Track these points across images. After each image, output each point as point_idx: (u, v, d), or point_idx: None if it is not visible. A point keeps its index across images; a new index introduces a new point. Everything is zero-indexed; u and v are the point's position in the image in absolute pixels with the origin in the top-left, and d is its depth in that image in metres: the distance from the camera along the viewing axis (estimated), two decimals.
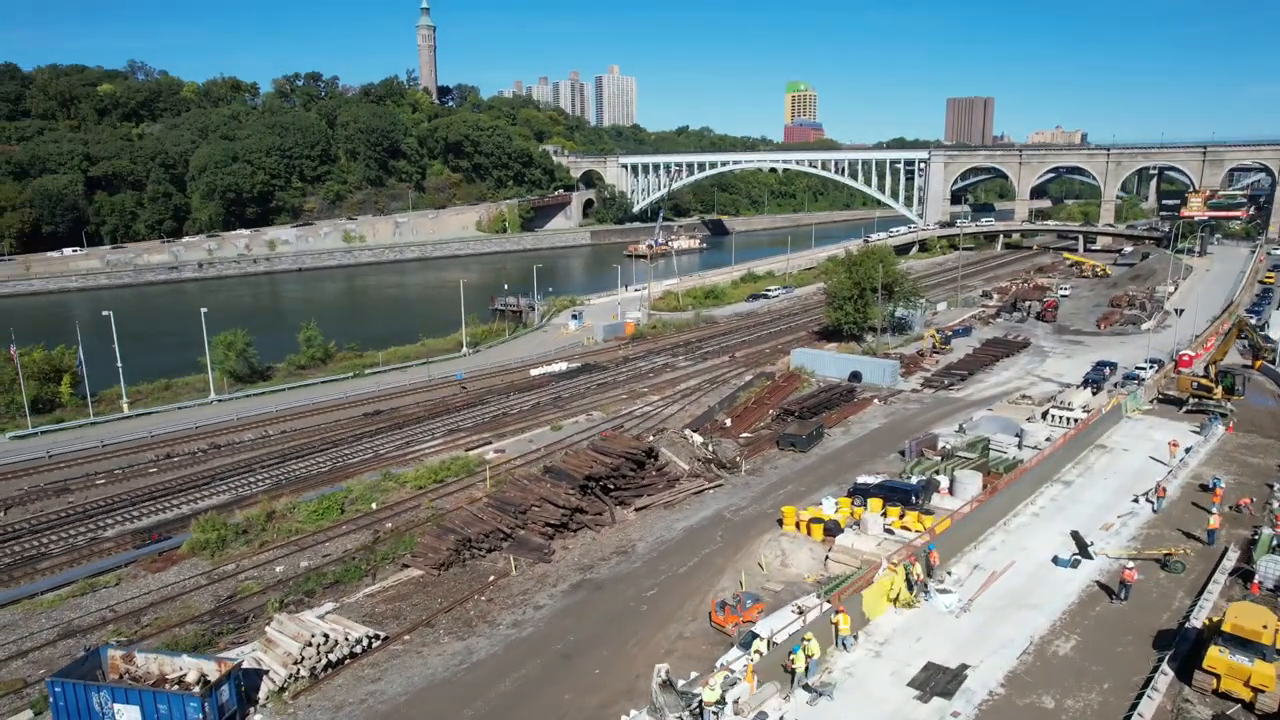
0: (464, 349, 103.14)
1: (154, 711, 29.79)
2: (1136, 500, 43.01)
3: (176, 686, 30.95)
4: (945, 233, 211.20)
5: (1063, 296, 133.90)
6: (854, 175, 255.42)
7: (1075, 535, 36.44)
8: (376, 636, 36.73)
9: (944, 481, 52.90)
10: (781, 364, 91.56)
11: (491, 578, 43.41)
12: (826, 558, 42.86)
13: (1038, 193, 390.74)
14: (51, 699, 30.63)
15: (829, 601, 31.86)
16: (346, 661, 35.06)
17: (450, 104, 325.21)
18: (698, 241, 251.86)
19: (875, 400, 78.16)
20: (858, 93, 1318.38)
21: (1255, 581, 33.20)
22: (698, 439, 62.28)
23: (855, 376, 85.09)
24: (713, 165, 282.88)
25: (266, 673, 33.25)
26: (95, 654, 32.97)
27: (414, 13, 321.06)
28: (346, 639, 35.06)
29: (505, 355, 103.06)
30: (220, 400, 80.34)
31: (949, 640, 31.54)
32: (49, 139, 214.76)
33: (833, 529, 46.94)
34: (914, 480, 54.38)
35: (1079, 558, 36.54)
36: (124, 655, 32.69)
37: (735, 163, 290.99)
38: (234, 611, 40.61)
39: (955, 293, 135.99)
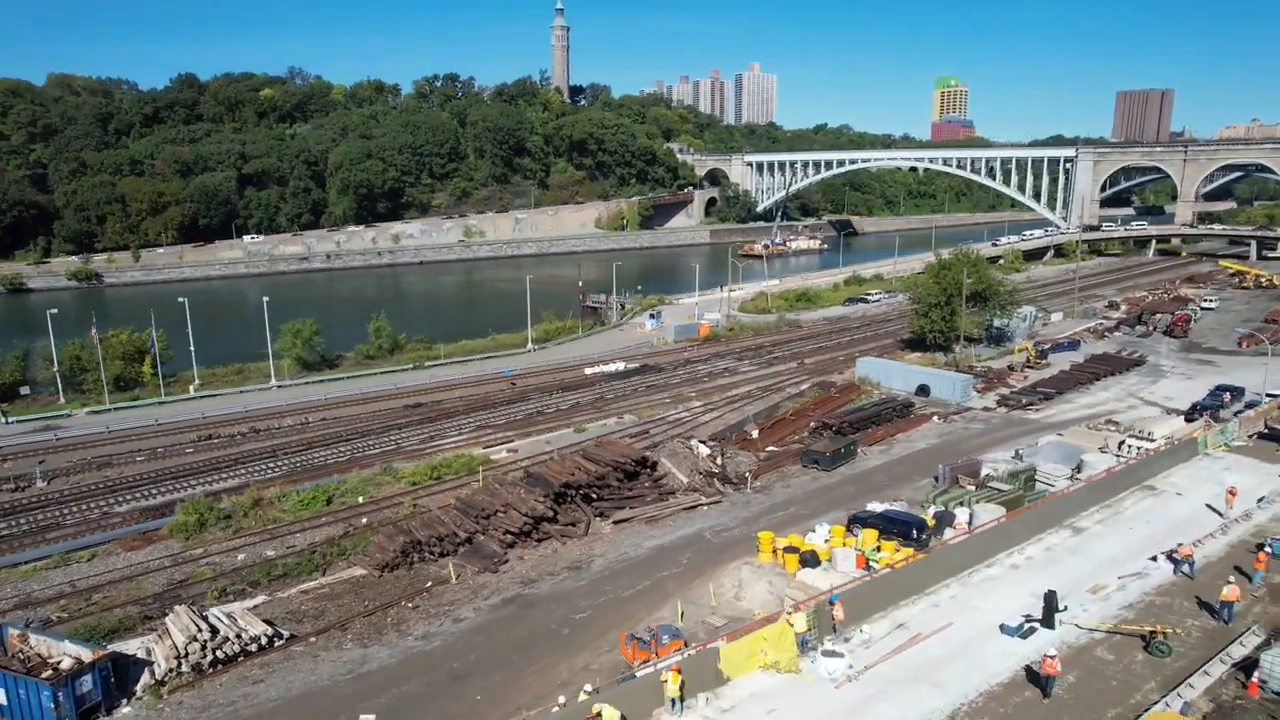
0: (529, 345, 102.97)
1: (15, 695, 30.12)
2: (1155, 559, 35.59)
3: (50, 672, 31.15)
4: (1087, 237, 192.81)
5: (1205, 309, 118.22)
6: (992, 174, 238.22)
7: (1049, 597, 30.41)
8: (277, 636, 35.98)
9: (962, 515, 46.79)
10: (849, 373, 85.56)
11: (429, 584, 41.92)
12: (785, 594, 38.39)
13: (1220, 194, 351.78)
14: None
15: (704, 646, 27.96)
16: (240, 659, 34.43)
17: (582, 103, 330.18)
18: (818, 242, 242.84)
19: (934, 418, 71.19)
20: (1014, 87, 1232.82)
21: (1254, 680, 26.08)
22: (704, 450, 58.44)
23: (922, 390, 78.07)
24: (840, 164, 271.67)
25: (152, 664, 33.05)
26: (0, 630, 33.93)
27: (551, 14, 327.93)
28: (239, 637, 34.43)
29: (569, 353, 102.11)
30: (280, 386, 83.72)
31: (809, 717, 26.75)
32: (213, 140, 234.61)
33: (809, 560, 42.35)
34: (930, 511, 48.67)
35: (1035, 626, 30.28)
36: (19, 635, 33.44)
37: (865, 161, 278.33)
38: (178, 596, 41.14)
39: (1074, 302, 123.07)
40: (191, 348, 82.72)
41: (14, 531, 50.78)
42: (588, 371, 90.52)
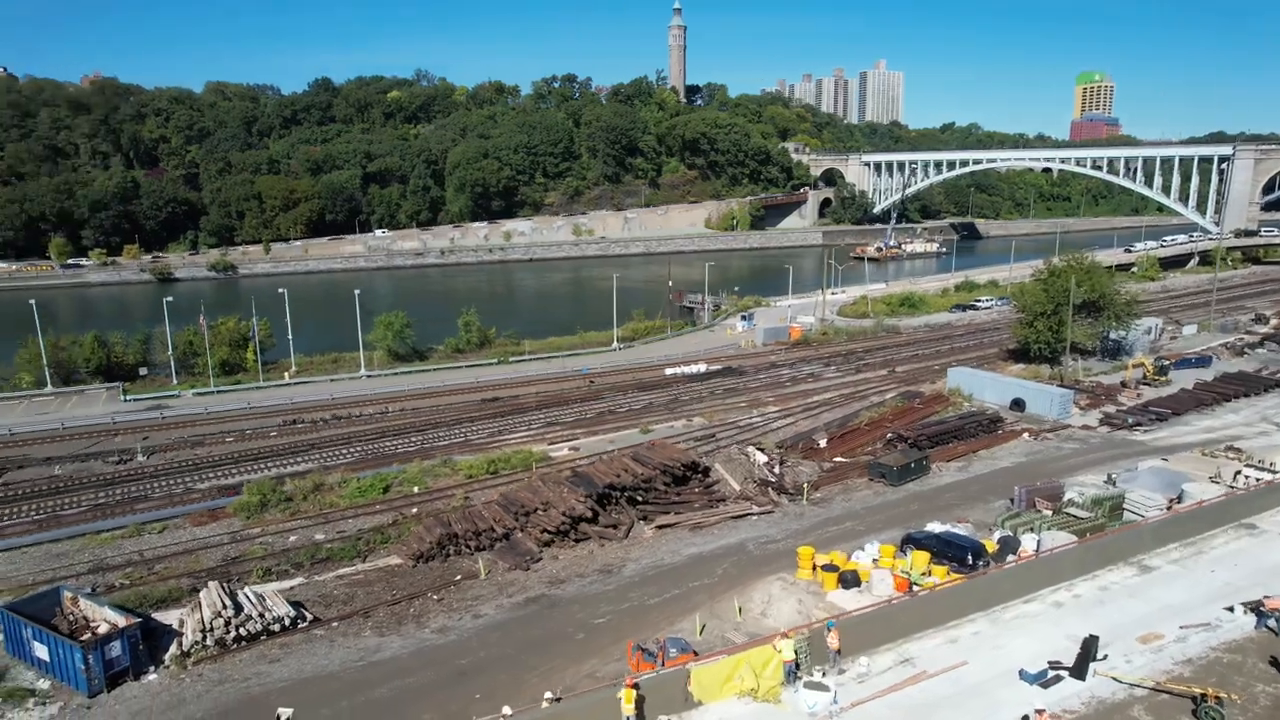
0: (614, 344, 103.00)
1: (55, 653, 32.09)
2: (1232, 609, 31.10)
3: (88, 635, 33.06)
4: (1238, 243, 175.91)
5: None
6: (1132, 174, 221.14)
7: (1087, 642, 26.96)
8: (301, 618, 36.93)
9: (1029, 542, 43.12)
10: (940, 383, 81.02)
11: (459, 577, 42.13)
12: (813, 614, 36.32)
13: None
14: (1, 624, 34.11)
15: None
16: (262, 638, 35.55)
17: (698, 102, 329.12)
18: (936, 245, 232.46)
19: (1025, 435, 66.26)
20: (1167, 81, 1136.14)
21: None
22: (761, 458, 56.35)
23: (1017, 404, 72.93)
24: (964, 164, 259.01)
25: (181, 635, 34.56)
26: (55, 592, 36.40)
27: (669, 14, 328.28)
28: (262, 616, 35.55)
29: (654, 352, 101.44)
30: (369, 376, 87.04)
31: None
32: (342, 140, 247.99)
33: (849, 580, 40.02)
34: (996, 535, 45.19)
35: (1061, 675, 26.85)
36: (72, 598, 35.70)
37: (991, 161, 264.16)
38: (227, 573, 43.00)
39: (1210, 315, 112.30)
40: (290, 336, 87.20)
41: (108, 501, 54.69)
42: (667, 372, 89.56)
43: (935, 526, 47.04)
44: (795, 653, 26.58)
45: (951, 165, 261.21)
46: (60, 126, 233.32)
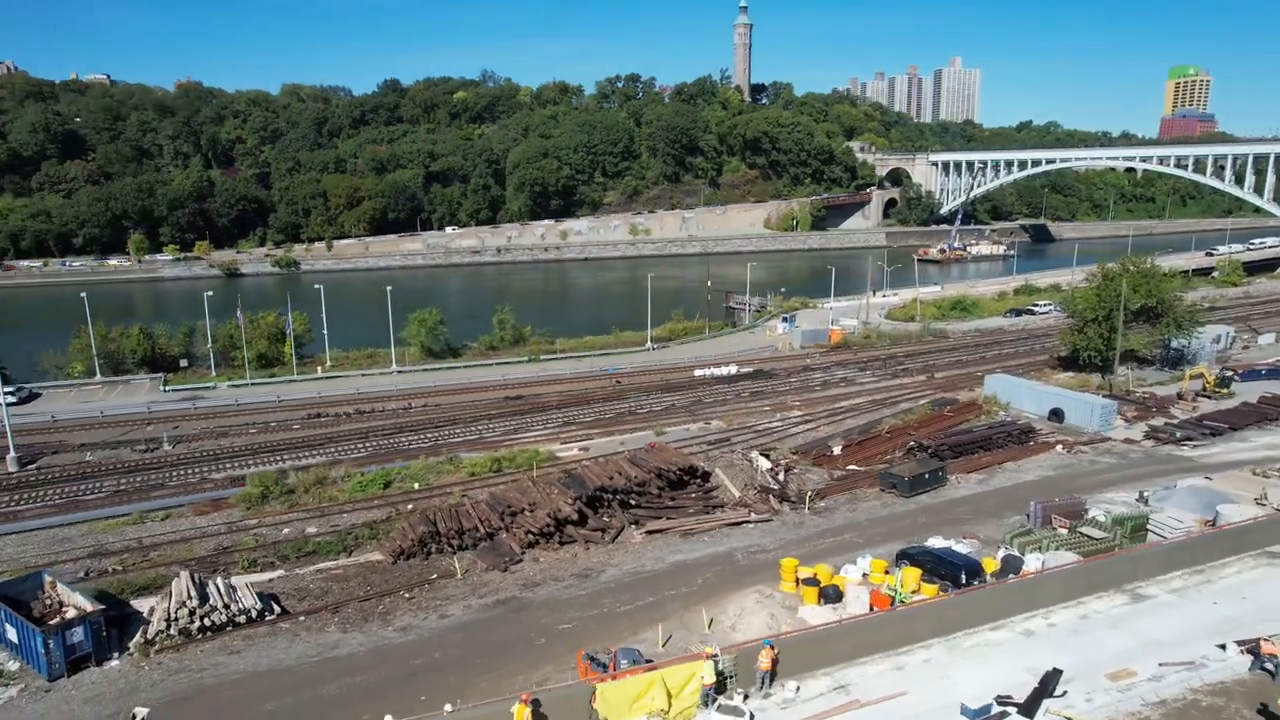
0: (648, 344, 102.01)
1: (22, 637, 32.93)
2: (1224, 647, 28.10)
3: (56, 620, 33.84)
4: None
5: None
6: (1220, 173, 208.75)
7: (1047, 677, 24.58)
8: (269, 610, 37.13)
9: (1033, 562, 40.52)
10: (978, 390, 77.52)
11: (435, 576, 41.84)
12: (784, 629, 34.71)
13: None
14: None
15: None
16: (228, 629, 35.86)
17: (763, 101, 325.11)
18: (1004, 247, 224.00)
19: (1059, 447, 62.72)
20: (1268, 76, 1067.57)
21: None
22: (765, 464, 54.56)
23: (1055, 414, 69.20)
24: (1037, 163, 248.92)
25: (149, 624, 35.10)
26: (38, 576, 37.49)
27: (735, 12, 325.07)
28: (227, 608, 35.83)
29: (688, 353, 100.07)
30: (400, 372, 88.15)
31: None
32: (407, 140, 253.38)
33: (830, 595, 38.27)
34: (1001, 554, 42.66)
35: (1008, 711, 24.49)
36: (51, 583, 36.67)
37: (1066, 160, 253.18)
38: (216, 563, 43.73)
39: None
40: (325, 331, 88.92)
41: (127, 488, 56.43)
42: (697, 373, 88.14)
43: (936, 542, 44.72)
44: (718, 674, 25.13)
45: (1024, 165, 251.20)
46: (147, 129, 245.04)
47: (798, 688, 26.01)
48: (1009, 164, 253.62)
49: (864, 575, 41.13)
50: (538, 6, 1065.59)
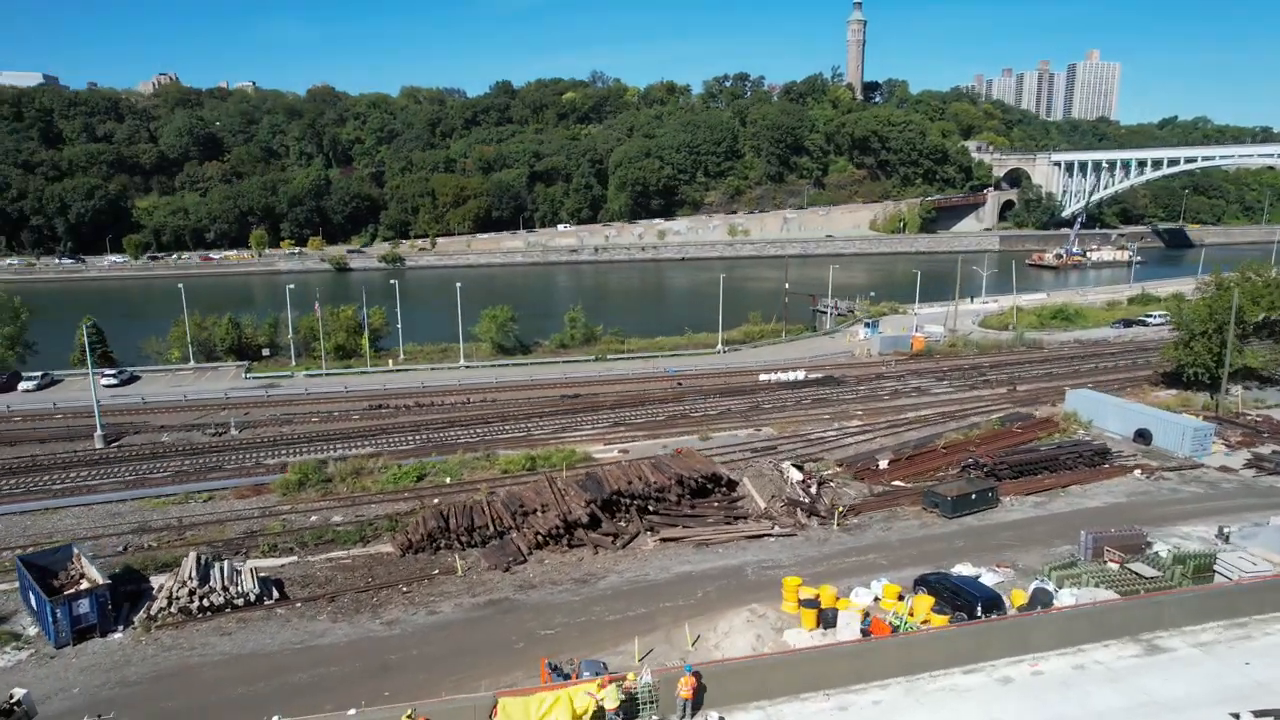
0: (719, 346, 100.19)
1: (39, 606, 35.11)
2: (1237, 717, 24.10)
3: (71, 591, 35.90)
4: None
5: None
6: None
7: None
8: (268, 595, 38.17)
9: (1065, 598, 36.94)
10: (1061, 406, 72.02)
11: (437, 571, 42.00)
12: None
13: None
14: (17, 569, 37.87)
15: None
16: (227, 610, 37.10)
17: (876, 100, 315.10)
18: (1129, 253, 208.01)
19: (1136, 471, 57.22)
20: None
21: None
22: (796, 475, 52.04)
23: (1141, 436, 63.36)
24: (1173, 162, 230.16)
25: (154, 601, 36.76)
26: (69, 548, 39.92)
27: (849, 8, 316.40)
28: (225, 590, 37.05)
29: (760, 357, 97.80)
30: (468, 367, 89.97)
31: None
32: (515, 141, 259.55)
33: (830, 619, 36.01)
34: (1032, 586, 39.14)
35: None
36: (77, 555, 38.95)
37: (1209, 159, 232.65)
38: (243, 545, 45.50)
39: None
40: (399, 325, 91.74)
41: (189, 468, 59.77)
42: (762, 378, 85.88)
43: (965, 569, 41.52)
44: (628, 698, 23.62)
45: (1159, 164, 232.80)
46: (277, 131, 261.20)
47: (720, 719, 24.36)
48: (1142, 164, 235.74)
49: (875, 600, 38.57)
50: (650, 7, 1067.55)
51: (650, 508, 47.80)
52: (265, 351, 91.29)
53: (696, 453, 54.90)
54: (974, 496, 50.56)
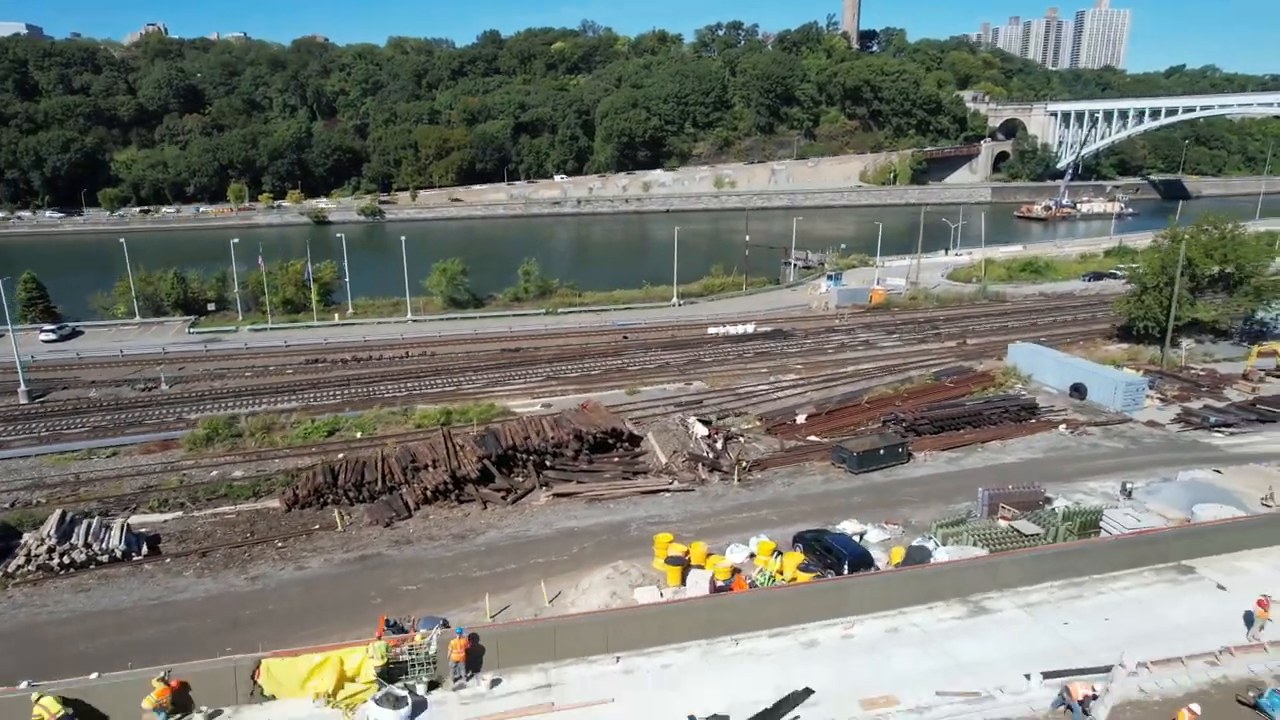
0: (674, 300, 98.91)
1: None
2: (1029, 677, 23.83)
3: None
4: None
5: None
6: None
7: (788, 699, 20.97)
8: (135, 552, 37.89)
9: (941, 555, 36.38)
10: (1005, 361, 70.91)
11: (317, 527, 41.69)
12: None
13: None
14: None
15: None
16: (91, 567, 36.84)
17: (873, 49, 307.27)
18: (1120, 205, 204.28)
19: (1061, 427, 56.37)
20: None
21: None
22: (701, 430, 51.32)
23: (1077, 390, 62.35)
24: (1172, 111, 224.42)
25: (15, 558, 36.48)
26: None
27: None
28: (88, 547, 36.75)
29: (715, 310, 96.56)
30: (414, 321, 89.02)
31: None
32: (501, 91, 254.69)
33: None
34: (912, 544, 38.58)
35: None
36: None
37: (1208, 108, 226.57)
38: (136, 500, 45.18)
39: None
40: (346, 279, 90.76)
41: (107, 424, 59.35)
42: (710, 331, 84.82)
43: (850, 526, 40.99)
44: (385, 658, 23.03)
45: (1158, 114, 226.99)
46: (260, 83, 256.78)
47: (495, 682, 23.81)
48: (1141, 113, 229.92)
49: (750, 556, 38.16)
50: None
51: (548, 463, 47.25)
52: (210, 306, 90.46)
53: (601, 407, 54.13)
54: (883, 452, 49.82)
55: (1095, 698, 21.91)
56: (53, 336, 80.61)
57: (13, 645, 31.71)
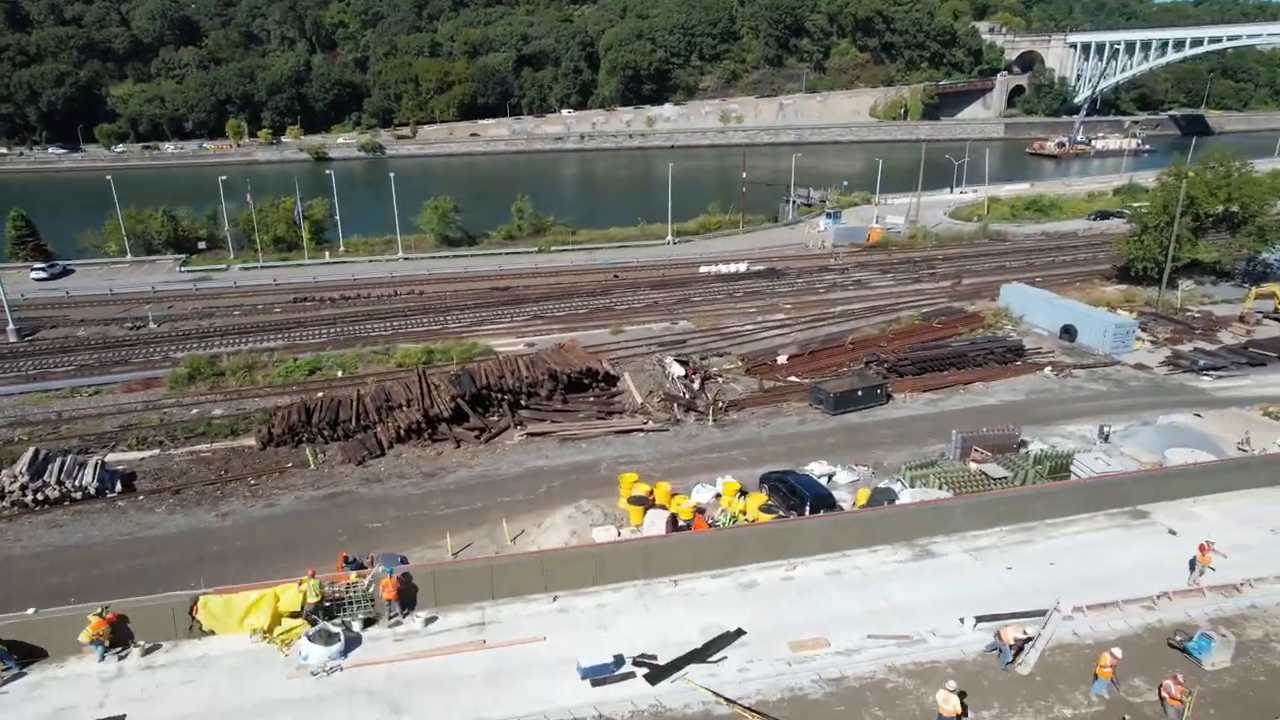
0: (669, 238, 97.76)
1: None
2: (962, 621, 24.16)
3: None
4: None
5: None
6: None
7: (718, 639, 21.05)
8: (109, 489, 38.43)
9: (907, 497, 36.43)
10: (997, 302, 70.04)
11: (290, 464, 42.09)
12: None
13: None
14: None
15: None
16: (65, 503, 37.44)
17: None
18: (1137, 141, 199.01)
19: (1047, 369, 55.87)
20: None
21: None
22: (677, 370, 51.13)
23: (1067, 332, 61.61)
24: (1197, 42, 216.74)
25: None
26: None
27: None
28: (61, 484, 37.26)
29: (708, 249, 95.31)
30: (406, 259, 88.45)
31: (221, 696, 21.48)
32: (503, 23, 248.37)
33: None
34: (877, 486, 38.65)
35: (634, 673, 20.71)
36: None
37: (1235, 38, 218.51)
38: (115, 438, 45.62)
39: None
40: (337, 217, 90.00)
41: (92, 362, 59.74)
42: (702, 270, 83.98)
43: (818, 467, 41.00)
44: (319, 595, 23.45)
45: (1181, 44, 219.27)
46: (256, 14, 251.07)
47: (430, 620, 24.16)
48: (1164, 44, 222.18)
49: (716, 497, 38.36)
50: None
51: (523, 403, 47.30)
52: (201, 245, 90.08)
53: (579, 347, 53.93)
54: (860, 393, 49.56)
55: (1029, 640, 22.03)
56: (44, 275, 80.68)
57: None
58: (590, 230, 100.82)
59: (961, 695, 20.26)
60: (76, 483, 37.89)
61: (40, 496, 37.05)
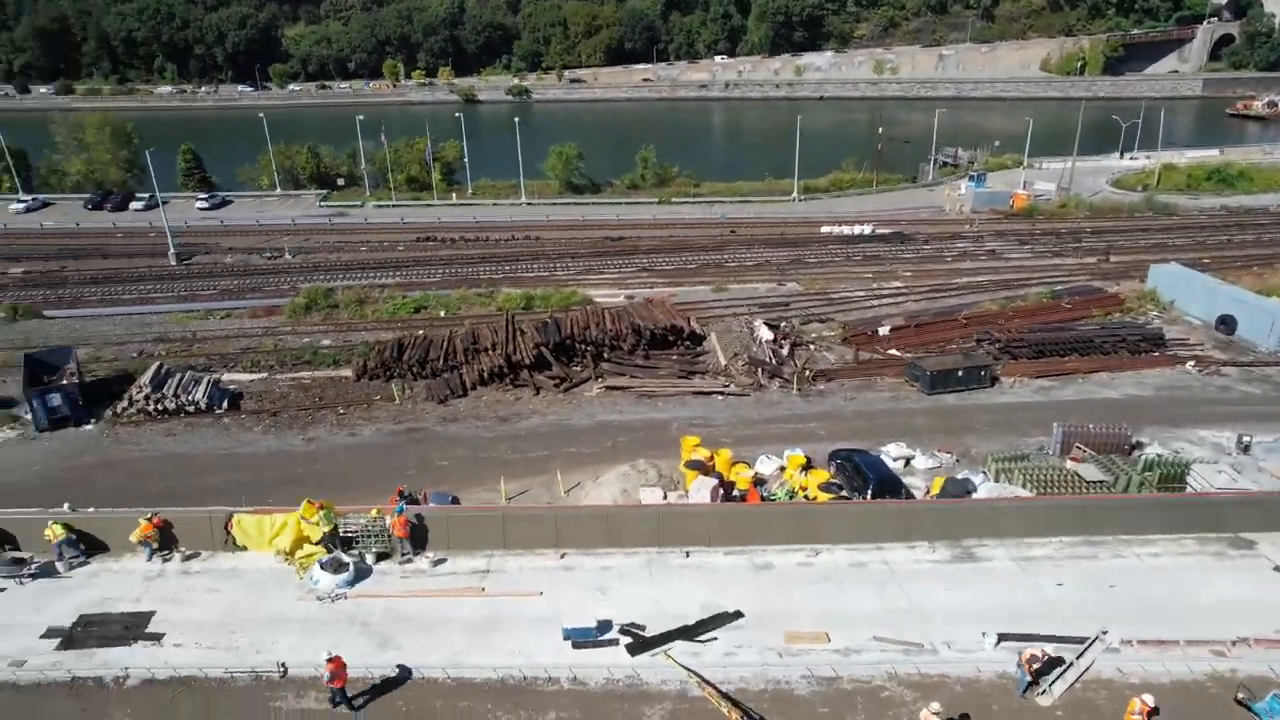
0: (794, 195, 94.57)
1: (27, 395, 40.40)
2: (985, 635, 21.77)
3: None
4: None
5: None
6: None
7: (713, 619, 20.14)
8: (217, 406, 41.82)
9: (985, 491, 34.16)
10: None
11: (378, 397, 44.22)
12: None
13: None
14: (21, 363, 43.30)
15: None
16: (180, 415, 41.12)
17: None
18: None
19: (1189, 364, 50.26)
20: None
21: None
22: (766, 334, 49.52)
23: (1224, 323, 55.12)
24: None
25: (120, 402, 41.24)
26: (68, 350, 45.04)
27: None
28: (176, 398, 40.86)
29: (835, 208, 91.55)
30: (528, 204, 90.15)
31: (241, 605, 23.01)
32: None
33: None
34: (963, 475, 36.44)
35: (617, 640, 20.06)
36: (75, 353, 44.09)
37: None
38: (236, 358, 49.54)
39: None
40: (466, 159, 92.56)
41: (234, 287, 65.03)
42: (824, 230, 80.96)
43: (896, 450, 38.93)
44: (329, 525, 24.71)
45: None
46: None
47: (437, 561, 24.79)
48: None
49: (780, 469, 37.24)
50: None
51: (605, 355, 47.48)
52: (340, 181, 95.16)
53: (668, 303, 53.35)
54: (961, 373, 46.48)
55: (1054, 666, 20.12)
56: (206, 205, 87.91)
57: (111, 474, 36.24)
58: (714, 183, 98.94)
59: None
60: (190, 398, 41.44)
61: (159, 408, 40.83)
